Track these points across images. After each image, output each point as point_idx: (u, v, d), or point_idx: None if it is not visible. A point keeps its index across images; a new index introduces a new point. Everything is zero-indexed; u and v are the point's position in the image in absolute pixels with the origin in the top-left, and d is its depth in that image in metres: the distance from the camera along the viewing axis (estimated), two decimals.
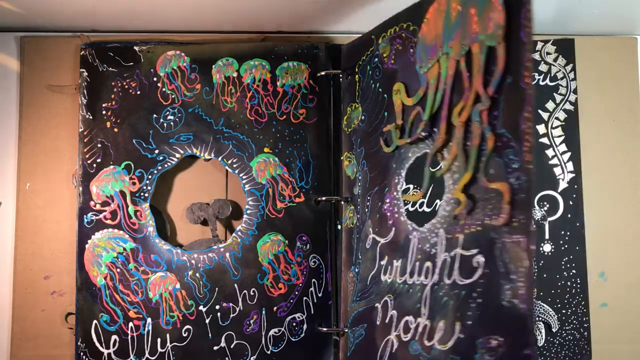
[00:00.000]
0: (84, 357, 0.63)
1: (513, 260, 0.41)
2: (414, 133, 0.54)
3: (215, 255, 0.64)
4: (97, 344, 0.63)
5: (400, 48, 0.57)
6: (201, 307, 0.64)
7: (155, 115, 0.66)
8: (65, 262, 0.65)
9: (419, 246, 0.52)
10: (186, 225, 0.67)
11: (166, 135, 0.66)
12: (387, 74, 0.59)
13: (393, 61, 0.58)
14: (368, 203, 0.61)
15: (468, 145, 0.47)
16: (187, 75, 0.66)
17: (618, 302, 0.66)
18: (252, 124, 0.66)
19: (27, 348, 0.64)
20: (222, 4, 0.62)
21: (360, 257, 0.61)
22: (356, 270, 0.62)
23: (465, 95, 0.47)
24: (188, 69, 0.67)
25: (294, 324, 0.64)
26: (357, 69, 0.64)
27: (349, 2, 0.62)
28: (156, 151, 0.66)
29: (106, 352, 0.63)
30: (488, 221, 0.44)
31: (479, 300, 0.44)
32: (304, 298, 0.64)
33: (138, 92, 0.66)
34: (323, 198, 0.65)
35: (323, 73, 0.66)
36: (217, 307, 0.64)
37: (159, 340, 0.63)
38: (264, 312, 0.64)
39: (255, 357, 0.63)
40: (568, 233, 0.65)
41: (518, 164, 0.42)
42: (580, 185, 0.66)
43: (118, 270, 0.64)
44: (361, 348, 0.59)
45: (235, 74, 0.66)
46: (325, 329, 0.64)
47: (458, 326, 0.45)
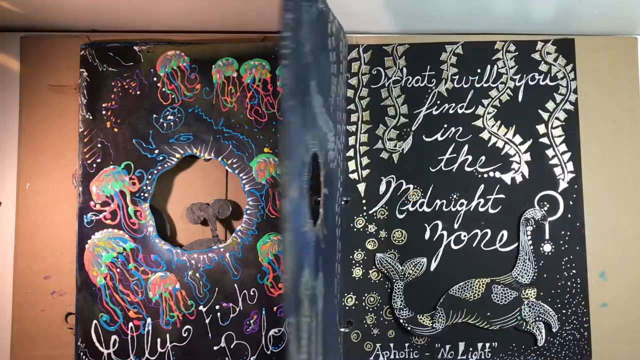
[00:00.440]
0: (84, 357, 0.63)
1: None
2: None
3: (215, 255, 0.64)
4: (97, 344, 0.63)
5: None
6: (201, 307, 0.64)
7: (155, 115, 0.66)
8: (65, 262, 0.65)
9: None
10: (186, 225, 0.67)
11: (166, 135, 0.66)
12: None
13: None
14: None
15: None
16: (187, 75, 0.66)
17: (618, 302, 0.66)
18: (252, 124, 0.66)
19: (27, 348, 0.64)
20: (223, 4, 0.62)
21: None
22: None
23: None
24: (188, 69, 0.67)
25: None
26: None
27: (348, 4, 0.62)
28: (156, 151, 0.66)
29: (106, 352, 0.63)
30: None
31: None
32: None
33: (138, 92, 0.66)
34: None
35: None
36: (217, 307, 0.64)
37: (159, 340, 0.63)
38: (264, 312, 0.64)
39: (255, 357, 0.63)
40: (568, 233, 0.65)
41: None
42: (580, 185, 0.66)
43: (118, 270, 0.64)
44: None
45: (235, 74, 0.66)
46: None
47: None
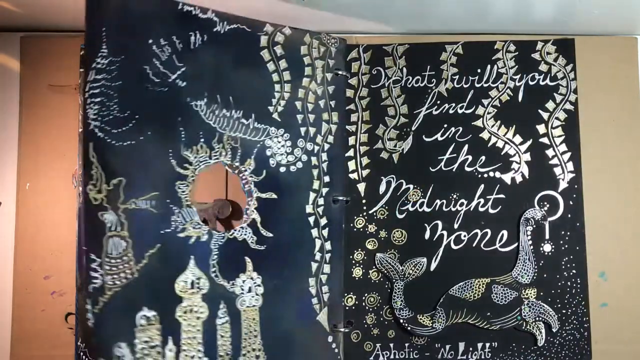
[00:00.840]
0: (84, 357, 0.63)
1: None
2: None
3: None
4: None
5: None
6: None
7: None
8: (65, 262, 0.65)
9: None
10: None
11: None
12: None
13: None
14: None
15: None
16: None
17: (618, 302, 0.66)
18: None
19: (27, 348, 0.64)
20: (223, 4, 0.61)
21: None
22: None
23: None
24: None
25: None
26: None
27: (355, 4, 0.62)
28: None
29: None
30: None
31: None
32: None
33: None
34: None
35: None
36: None
37: None
38: None
39: None
40: (568, 233, 0.65)
41: None
42: (580, 185, 0.66)
43: None
44: None
45: None
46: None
47: None
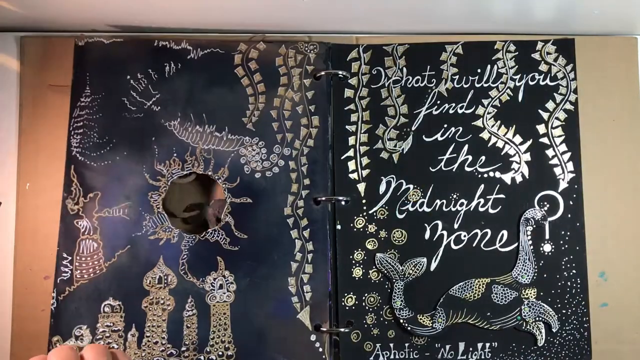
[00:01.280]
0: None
1: None
2: None
3: None
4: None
5: None
6: None
7: None
8: None
9: None
10: None
11: None
12: None
13: None
14: None
15: None
16: None
17: (618, 302, 0.66)
18: None
19: (27, 348, 0.64)
20: (223, 3, 0.61)
21: None
22: None
23: None
24: None
25: None
26: None
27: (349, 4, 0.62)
28: None
29: None
30: None
31: None
32: None
33: None
34: (323, 198, 0.65)
35: (323, 73, 0.66)
36: None
37: None
38: None
39: None
40: (568, 233, 0.65)
41: None
42: (580, 185, 0.66)
43: None
44: None
45: None
46: (325, 329, 0.63)
47: None
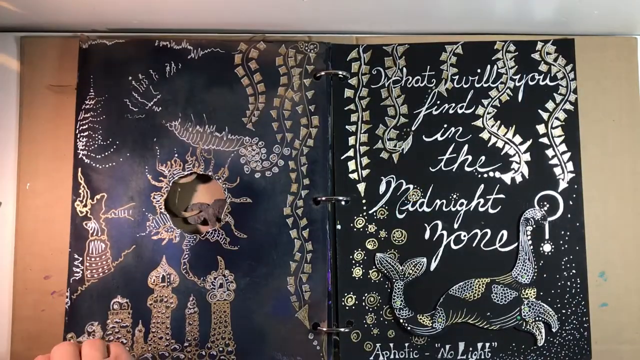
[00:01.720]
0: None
1: None
2: None
3: None
4: None
5: None
6: None
7: None
8: (65, 262, 0.65)
9: None
10: None
11: None
12: None
13: None
14: None
15: None
16: None
17: (618, 302, 0.66)
18: None
19: (27, 348, 0.64)
20: (223, 4, 0.62)
21: None
22: None
23: None
24: None
25: None
26: None
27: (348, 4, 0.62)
28: None
29: None
30: None
31: None
32: None
33: None
34: (323, 198, 0.65)
35: (323, 73, 0.66)
36: None
37: None
38: None
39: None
40: (568, 233, 0.65)
41: None
42: (580, 185, 0.66)
43: None
44: None
45: None
46: (325, 329, 0.63)
47: None
